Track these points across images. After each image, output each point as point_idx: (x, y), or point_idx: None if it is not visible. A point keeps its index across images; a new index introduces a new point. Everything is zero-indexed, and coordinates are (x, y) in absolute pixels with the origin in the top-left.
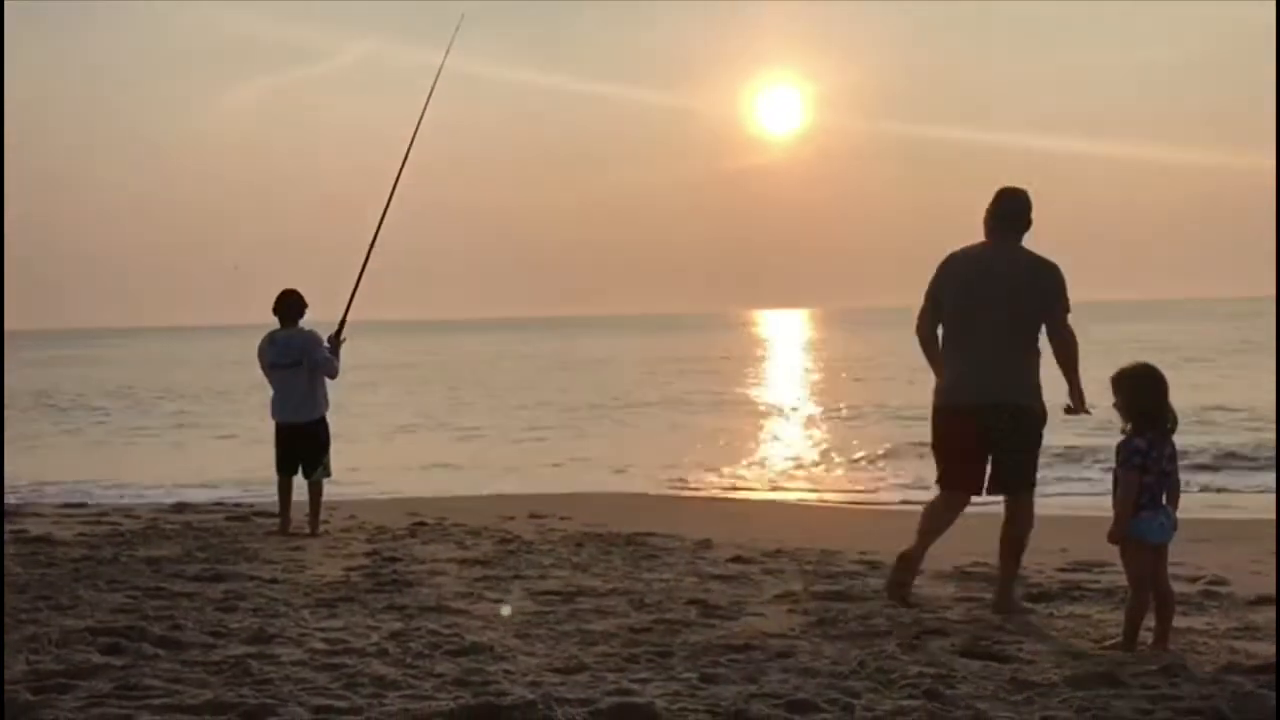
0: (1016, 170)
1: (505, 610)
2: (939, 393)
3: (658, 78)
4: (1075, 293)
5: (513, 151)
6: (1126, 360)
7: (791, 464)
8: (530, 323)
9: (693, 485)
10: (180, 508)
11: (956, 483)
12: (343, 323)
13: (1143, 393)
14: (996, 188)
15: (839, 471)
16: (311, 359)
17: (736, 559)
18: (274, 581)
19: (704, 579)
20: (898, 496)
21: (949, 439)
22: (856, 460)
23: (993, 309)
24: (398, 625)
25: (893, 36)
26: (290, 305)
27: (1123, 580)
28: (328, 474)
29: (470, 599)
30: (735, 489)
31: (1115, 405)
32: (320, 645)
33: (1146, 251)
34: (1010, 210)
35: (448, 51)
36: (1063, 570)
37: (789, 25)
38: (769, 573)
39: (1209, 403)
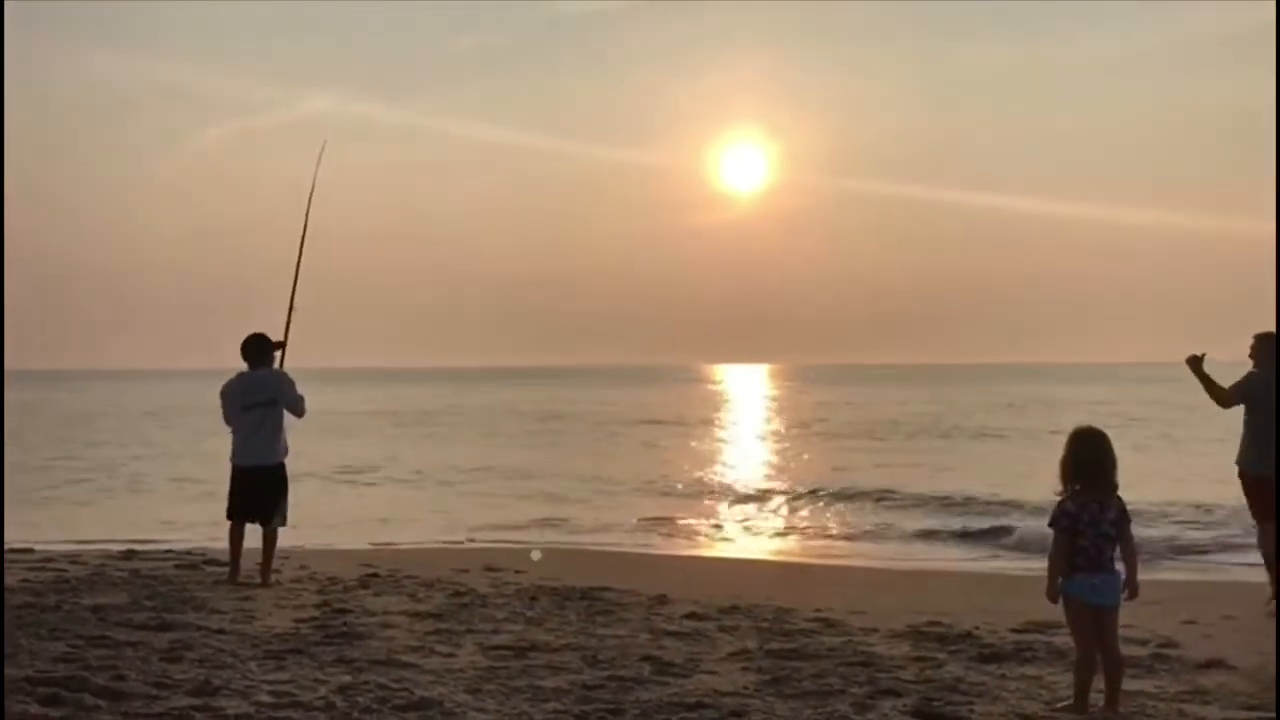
0: (984, 230)
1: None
2: (1249, 463)
3: (621, 134)
4: (1061, 355)
5: (476, 207)
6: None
7: (747, 520)
8: (490, 373)
9: (647, 541)
10: (129, 554)
11: (1265, 515)
12: (281, 359)
13: (1077, 456)
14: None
15: (795, 528)
16: (286, 398)
17: (692, 615)
18: (221, 632)
19: (658, 635)
20: (854, 553)
21: (1256, 491)
22: (813, 516)
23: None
24: (346, 679)
25: (858, 96)
26: (258, 347)
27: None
28: (284, 522)
29: (421, 653)
30: (692, 544)
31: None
32: (266, 698)
33: (1125, 313)
34: (1272, 347)
35: (317, 170)
36: (1016, 631)
37: (752, 84)
38: (724, 629)
39: (1147, 468)
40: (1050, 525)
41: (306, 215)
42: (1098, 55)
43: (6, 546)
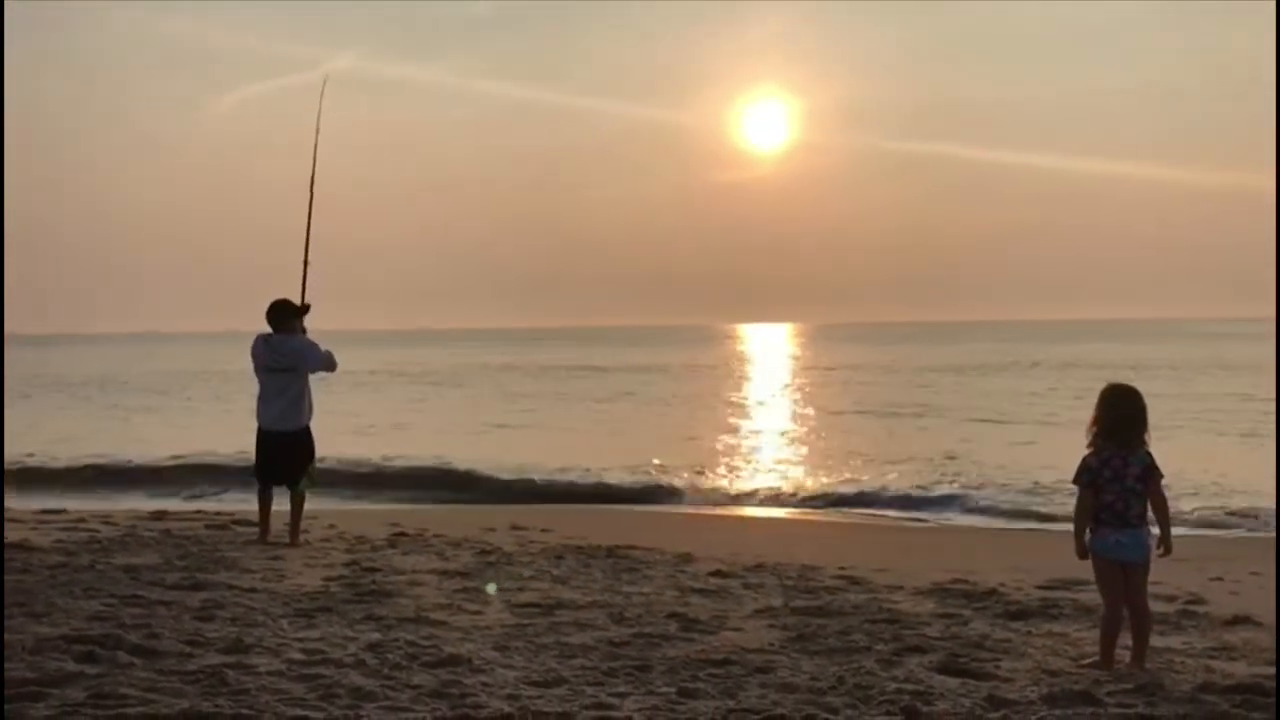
0: (1010, 187)
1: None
2: None
3: (642, 91)
4: (1078, 311)
5: (497, 164)
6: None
7: (772, 478)
8: (513, 334)
9: (673, 498)
10: (159, 515)
11: None
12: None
13: (1104, 411)
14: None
15: (818, 486)
16: (310, 361)
17: (717, 573)
18: (253, 591)
19: (684, 593)
20: (879, 511)
21: None
22: (837, 475)
23: None
24: (376, 636)
25: (882, 54)
26: (283, 312)
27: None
28: (313, 483)
29: (449, 610)
30: (717, 503)
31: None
32: (298, 655)
33: (1142, 269)
34: None
35: (319, 114)
36: (1041, 588)
37: (775, 41)
38: (749, 587)
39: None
40: (1074, 481)
41: (314, 163)
42: (1125, 10)
43: (39, 508)
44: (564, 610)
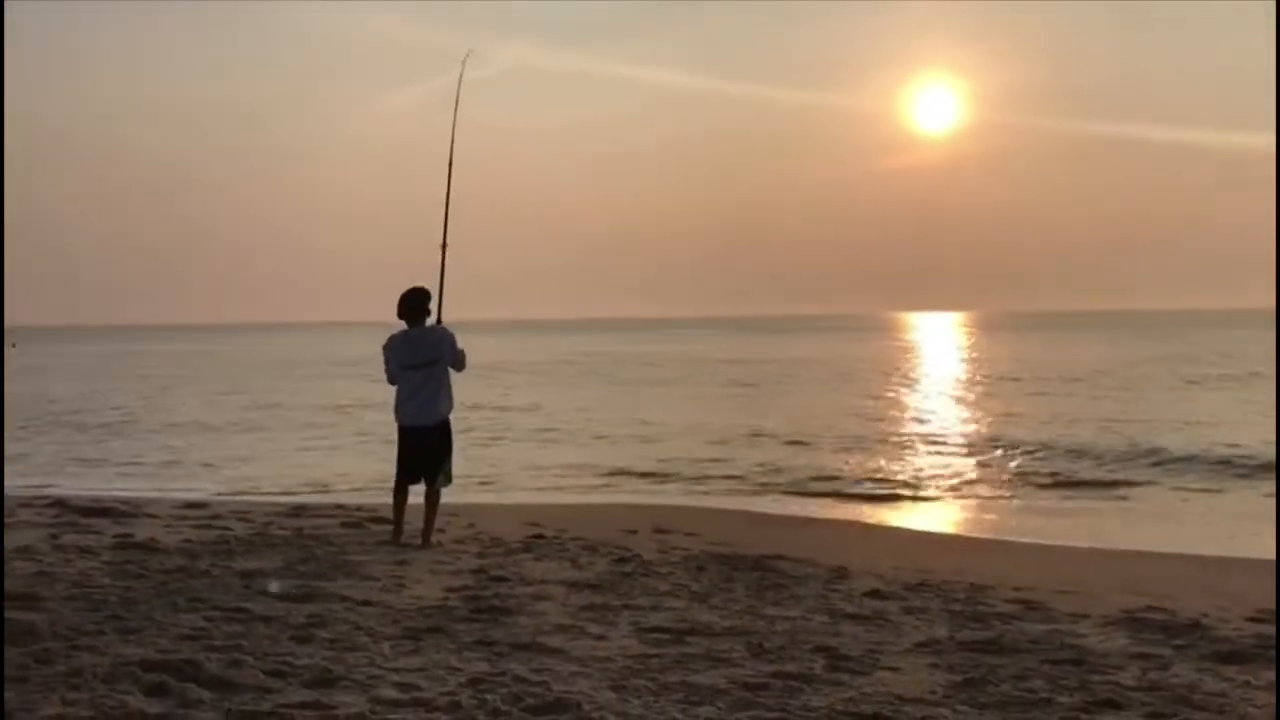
0: (1193, 168)
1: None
2: None
3: (807, 78)
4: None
5: (663, 153)
6: None
7: (939, 484)
8: (673, 323)
9: (828, 501)
10: (297, 511)
11: None
12: (439, 311)
13: None
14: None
15: (995, 495)
16: (448, 356)
17: (874, 593)
18: (366, 604)
19: (835, 618)
20: (1060, 530)
21: None
22: (1015, 483)
23: None
24: (482, 667)
25: (1053, 32)
26: (416, 302)
27: None
28: (448, 481)
29: (570, 634)
30: (876, 507)
31: None
32: (388, 692)
33: None
34: None
35: (460, 80)
36: (1252, 620)
37: (941, 24)
38: (909, 611)
39: None
40: None
41: (451, 146)
42: None
43: (182, 500)
44: (697, 638)
